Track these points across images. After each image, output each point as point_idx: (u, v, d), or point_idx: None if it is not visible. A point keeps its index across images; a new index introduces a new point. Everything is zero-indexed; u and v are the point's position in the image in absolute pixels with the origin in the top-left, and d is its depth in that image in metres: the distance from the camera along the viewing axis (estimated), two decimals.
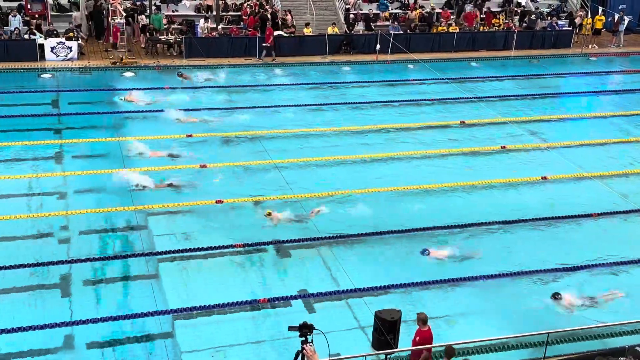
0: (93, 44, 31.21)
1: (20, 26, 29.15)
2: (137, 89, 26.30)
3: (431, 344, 12.09)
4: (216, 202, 18.08)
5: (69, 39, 29.00)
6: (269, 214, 17.57)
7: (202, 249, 15.96)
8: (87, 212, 17.23)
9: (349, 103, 26.34)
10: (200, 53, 29.91)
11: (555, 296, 14.75)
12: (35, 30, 29.04)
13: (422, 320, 12.09)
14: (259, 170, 20.43)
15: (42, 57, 28.41)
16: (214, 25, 32.06)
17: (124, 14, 30.23)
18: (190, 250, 15.90)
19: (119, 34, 29.38)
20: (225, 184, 19.29)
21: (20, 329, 12.96)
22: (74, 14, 31.35)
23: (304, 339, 9.47)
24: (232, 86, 27.54)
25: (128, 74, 28.06)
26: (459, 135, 23.98)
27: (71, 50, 28.80)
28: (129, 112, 24.06)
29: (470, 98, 27.12)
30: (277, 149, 21.79)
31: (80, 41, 29.60)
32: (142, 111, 24.11)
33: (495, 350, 13.24)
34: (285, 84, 28.40)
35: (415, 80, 29.79)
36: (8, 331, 12.89)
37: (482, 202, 19.14)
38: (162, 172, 19.62)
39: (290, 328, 9.53)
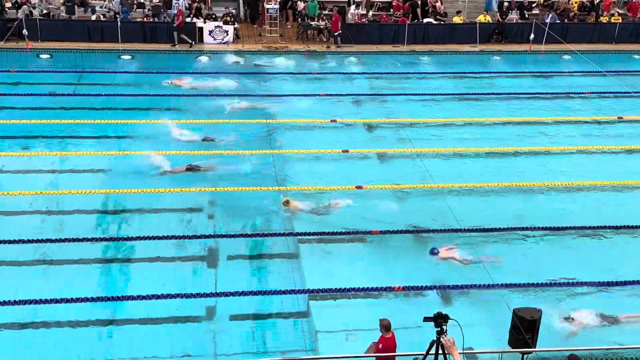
0: (248, 28, 32.31)
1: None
2: (283, 73, 27.03)
3: (394, 352, 11.58)
4: (356, 187, 18.22)
5: (226, 22, 30.20)
6: (287, 202, 17.28)
7: (340, 232, 16.15)
8: (234, 190, 17.91)
9: (497, 94, 25.63)
10: (349, 39, 30.14)
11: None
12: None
13: (385, 326, 11.56)
14: (400, 158, 20.38)
15: (201, 40, 29.77)
16: (364, 12, 32.19)
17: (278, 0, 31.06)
18: (329, 233, 16.14)
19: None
20: (366, 170, 19.42)
21: (168, 296, 13.72)
22: None
23: (439, 329, 9.33)
24: (378, 73, 27.58)
25: (278, 59, 28.77)
26: (614, 131, 22.69)
27: (227, 34, 29.97)
28: (278, 95, 24.66)
29: (630, 93, 25.51)
30: (420, 138, 21.62)
31: (236, 25, 30.73)
32: (290, 95, 24.66)
33: None
34: (433, 73, 28.09)
35: (570, 72, 28.44)
36: (157, 297, 13.67)
37: (636, 203, 18.04)
38: (306, 155, 20.08)
39: (426, 319, 9.35)
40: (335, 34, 30.01)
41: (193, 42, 29.21)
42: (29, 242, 15.27)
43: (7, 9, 28.97)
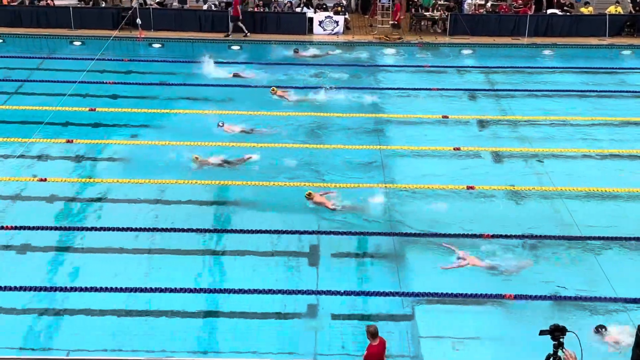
0: (358, 19, 31.85)
1: None
2: (393, 65, 26.54)
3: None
4: (467, 187, 17.50)
5: (336, 13, 29.87)
6: (310, 195, 16.70)
7: (449, 234, 15.47)
8: (340, 187, 17.49)
9: (626, 91, 24.01)
10: (465, 30, 29.10)
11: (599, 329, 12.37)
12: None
13: (371, 333, 11.06)
14: (516, 157, 19.42)
15: (310, 31, 29.54)
16: (483, 2, 31.01)
17: None
18: (436, 235, 15.49)
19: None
20: (478, 169, 18.65)
21: (269, 291, 13.55)
22: None
23: (556, 342, 8.93)
24: (495, 67, 26.49)
25: (389, 50, 28.19)
26: None
27: (337, 25, 29.62)
28: (387, 89, 24.08)
29: None
30: (539, 137, 20.53)
31: (347, 16, 30.33)
32: (400, 88, 24.04)
33: None
34: (555, 67, 26.74)
35: None
36: (260, 292, 13.54)
37: None
38: (414, 152, 19.48)
39: (542, 332, 9.00)
40: (393, 22, 29.48)
41: (248, 33, 28.93)
42: (136, 230, 15.47)
43: None
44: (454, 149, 19.61)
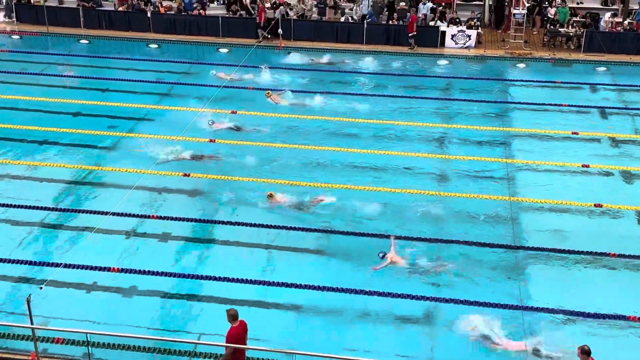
0: (491, 33, 31.71)
1: (427, 13, 30.96)
2: (526, 80, 26.41)
3: (235, 342, 11.04)
4: (595, 205, 17.27)
5: (469, 27, 29.93)
6: (271, 196, 17.23)
7: (574, 252, 15.42)
8: (463, 196, 17.74)
9: None
10: (601, 47, 28.35)
11: None
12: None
13: (231, 316, 11.28)
14: None
15: (442, 44, 29.76)
16: (620, 20, 30.06)
17: (527, 4, 30.06)
18: (561, 251, 15.47)
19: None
20: (607, 188, 18.38)
21: (389, 295, 14.06)
22: None
23: None
24: (630, 85, 25.60)
25: (520, 65, 27.95)
26: None
27: (470, 39, 29.68)
28: (517, 103, 24.01)
29: None
30: None
31: (480, 30, 30.33)
32: (530, 103, 23.87)
33: None
34: None
35: None
36: (379, 294, 14.08)
37: None
38: (541, 166, 19.39)
39: None
40: (410, 34, 29.10)
41: (269, 36, 29.53)
42: (268, 227, 16.36)
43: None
44: (582, 165, 19.36)
